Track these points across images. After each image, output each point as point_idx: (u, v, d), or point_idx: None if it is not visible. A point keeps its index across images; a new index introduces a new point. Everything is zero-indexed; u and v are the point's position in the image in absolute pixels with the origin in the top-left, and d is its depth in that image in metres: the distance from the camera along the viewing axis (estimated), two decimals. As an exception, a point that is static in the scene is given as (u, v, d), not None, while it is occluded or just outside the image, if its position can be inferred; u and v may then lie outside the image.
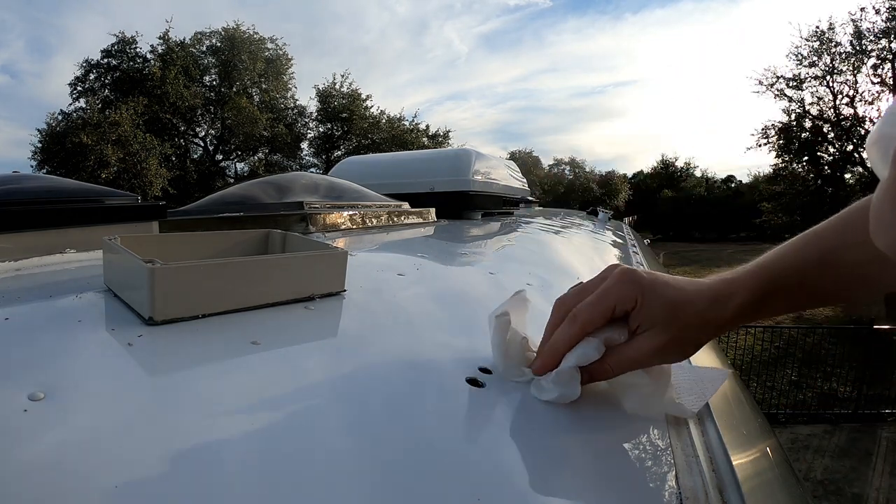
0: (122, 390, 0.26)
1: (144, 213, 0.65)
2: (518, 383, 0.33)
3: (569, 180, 28.01)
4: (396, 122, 16.08)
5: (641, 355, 0.31)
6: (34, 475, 0.19)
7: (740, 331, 5.71)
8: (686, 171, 27.52)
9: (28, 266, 0.50)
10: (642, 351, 0.31)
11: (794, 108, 11.27)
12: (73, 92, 12.84)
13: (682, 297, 0.32)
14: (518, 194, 2.17)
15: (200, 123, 15.18)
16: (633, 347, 0.32)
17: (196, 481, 0.20)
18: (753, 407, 0.79)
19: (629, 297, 0.31)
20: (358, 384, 0.30)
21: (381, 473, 0.22)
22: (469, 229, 1.27)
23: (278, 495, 0.20)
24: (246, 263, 0.38)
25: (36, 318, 0.36)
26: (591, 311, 0.31)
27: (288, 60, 15.76)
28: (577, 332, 0.31)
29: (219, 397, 0.26)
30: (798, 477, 0.76)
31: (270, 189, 1.07)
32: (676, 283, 0.33)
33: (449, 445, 0.26)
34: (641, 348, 0.31)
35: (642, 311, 0.31)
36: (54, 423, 0.22)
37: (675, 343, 0.32)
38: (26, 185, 0.65)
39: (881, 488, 3.41)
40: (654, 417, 0.32)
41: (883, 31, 10.03)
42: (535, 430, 0.29)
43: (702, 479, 0.28)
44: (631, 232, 2.43)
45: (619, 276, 0.32)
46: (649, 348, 0.31)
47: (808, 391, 4.94)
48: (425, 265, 0.69)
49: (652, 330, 0.31)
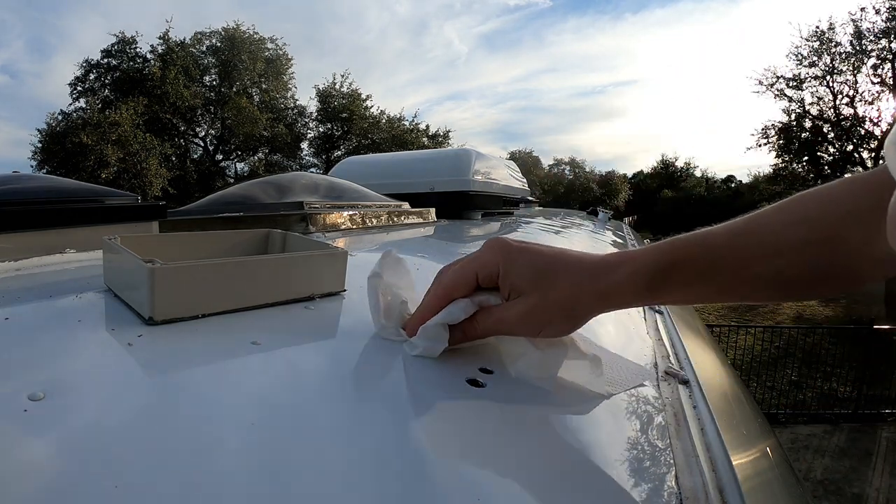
0: (122, 390, 0.26)
1: (144, 213, 0.65)
2: (518, 381, 0.33)
3: (569, 180, 28.02)
4: (396, 122, 16.10)
5: (507, 318, 0.32)
6: (34, 475, 0.19)
7: (740, 331, 5.72)
8: (686, 171, 27.54)
9: (28, 266, 0.50)
10: (508, 315, 0.32)
11: (794, 108, 11.28)
12: (73, 92, 12.86)
13: (550, 266, 0.32)
14: (518, 194, 2.18)
15: (200, 123, 15.20)
16: (500, 310, 0.32)
17: (196, 481, 0.20)
18: (753, 407, 0.79)
19: (491, 263, 0.32)
20: (358, 384, 0.30)
21: (382, 473, 0.22)
22: (469, 229, 1.27)
23: (278, 495, 0.20)
24: (246, 263, 0.38)
25: (36, 318, 0.36)
26: (454, 276, 0.33)
27: (288, 60, 15.78)
28: (441, 294, 0.33)
29: (219, 397, 0.26)
30: (798, 477, 0.76)
31: (270, 189, 1.07)
32: (549, 252, 0.33)
33: (449, 445, 0.26)
34: (507, 312, 0.32)
35: (508, 277, 0.32)
36: (54, 423, 0.22)
37: (541, 311, 0.32)
38: (26, 185, 0.65)
39: (881, 488, 3.41)
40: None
41: (883, 31, 10.04)
42: (535, 431, 0.29)
43: (702, 479, 0.28)
44: (631, 232, 2.43)
45: (487, 243, 0.34)
46: (514, 313, 0.32)
47: (808, 391, 4.94)
48: (425, 265, 0.69)
49: (519, 297, 0.32)
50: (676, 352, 0.51)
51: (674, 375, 0.42)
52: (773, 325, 5.55)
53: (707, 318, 7.35)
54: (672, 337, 0.56)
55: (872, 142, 10.88)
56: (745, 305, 8.78)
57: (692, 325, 0.90)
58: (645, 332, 0.55)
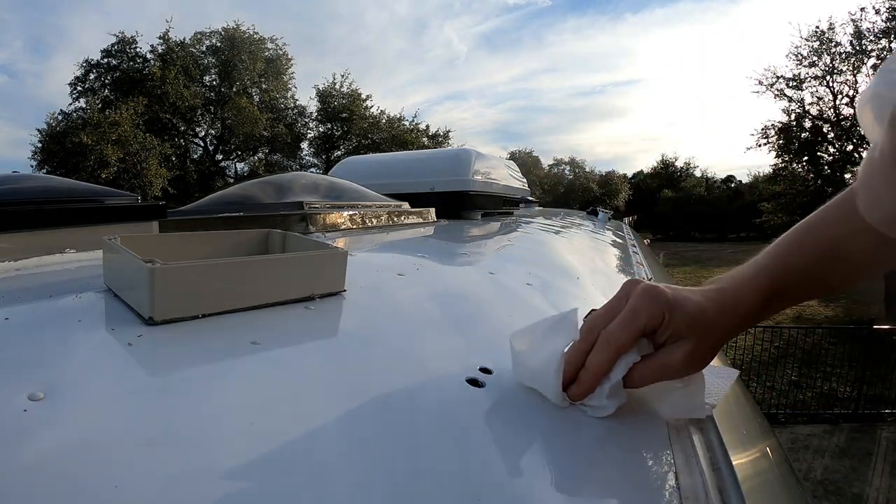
0: (121, 390, 0.26)
1: (144, 213, 0.65)
2: (518, 381, 0.33)
3: (569, 180, 28.03)
4: (396, 122, 16.09)
5: (670, 366, 0.32)
6: (34, 475, 0.19)
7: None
8: (686, 171, 27.54)
9: (28, 266, 0.50)
10: (672, 362, 0.32)
11: (794, 108, 11.27)
12: (73, 92, 12.86)
13: (699, 309, 0.33)
14: (518, 194, 2.17)
15: (200, 123, 15.20)
16: (661, 359, 0.33)
17: (196, 481, 0.20)
18: (753, 407, 0.79)
19: (657, 315, 0.32)
20: (358, 384, 0.30)
21: (382, 473, 0.22)
22: (469, 229, 1.27)
23: (278, 495, 0.20)
24: (246, 263, 0.38)
25: (36, 318, 0.36)
26: (623, 333, 0.32)
27: (288, 60, 15.77)
28: (612, 355, 0.32)
29: (219, 397, 0.26)
30: (798, 477, 0.76)
31: (270, 189, 1.07)
32: (693, 296, 0.34)
33: (449, 445, 0.26)
34: (671, 359, 0.32)
35: (670, 325, 0.32)
36: (54, 423, 0.22)
37: (698, 352, 0.33)
38: (26, 185, 0.65)
39: (881, 488, 3.41)
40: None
41: (883, 31, 10.03)
42: (535, 431, 0.29)
43: (702, 479, 0.28)
44: (631, 232, 2.43)
45: (643, 294, 0.32)
46: (679, 359, 0.32)
47: (807, 391, 4.94)
48: (425, 265, 0.69)
49: (679, 342, 0.32)
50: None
51: None
52: (773, 325, 5.55)
53: (707, 318, 7.31)
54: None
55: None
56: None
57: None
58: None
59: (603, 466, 0.28)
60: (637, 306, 0.32)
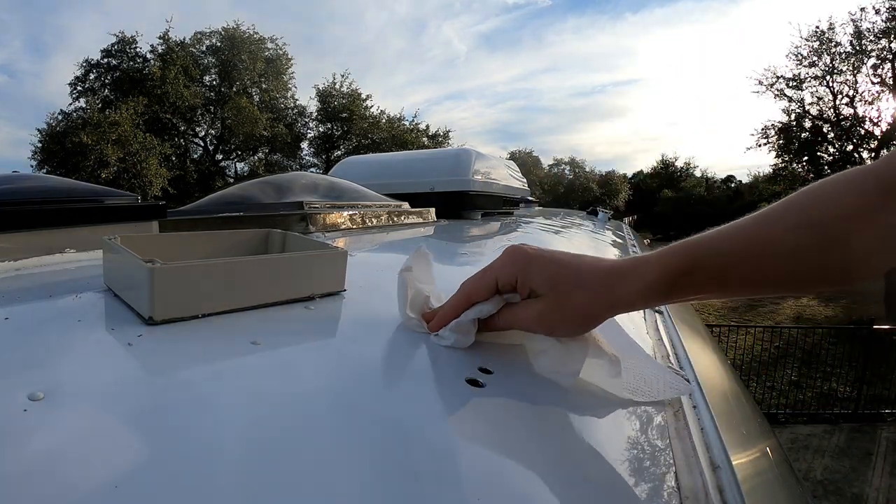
0: (121, 390, 0.26)
1: (144, 212, 0.65)
2: (518, 381, 0.33)
3: (569, 180, 28.03)
4: (396, 121, 16.10)
5: (524, 316, 0.36)
6: (34, 475, 0.19)
7: (740, 331, 5.72)
8: (686, 171, 27.54)
9: (28, 266, 0.50)
10: (525, 312, 0.35)
11: (793, 108, 11.28)
12: (73, 92, 12.86)
13: (562, 272, 0.35)
14: (518, 194, 2.17)
15: (200, 123, 15.20)
16: (517, 309, 0.36)
17: (196, 481, 0.20)
18: (753, 407, 0.79)
19: (510, 270, 0.35)
20: (357, 384, 0.30)
21: (381, 474, 0.22)
22: (469, 229, 1.27)
23: (277, 495, 0.20)
24: (246, 263, 0.38)
25: (36, 318, 0.36)
26: (475, 283, 0.37)
27: (288, 60, 15.78)
28: (462, 300, 0.37)
29: (219, 397, 0.26)
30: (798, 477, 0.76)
31: (270, 189, 1.07)
32: (564, 259, 0.36)
33: (449, 445, 0.26)
34: (524, 310, 0.36)
35: (525, 283, 0.35)
36: (54, 423, 0.22)
37: (555, 311, 0.34)
38: (26, 184, 0.66)
39: (881, 488, 3.41)
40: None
41: (883, 31, 10.04)
42: (535, 430, 0.29)
43: (702, 479, 0.28)
44: (631, 232, 2.43)
45: (505, 251, 0.37)
46: (530, 312, 0.35)
47: (807, 391, 4.94)
48: (425, 265, 0.69)
49: (534, 298, 0.35)
50: (676, 352, 0.51)
51: None
52: (773, 325, 5.55)
53: (707, 318, 7.35)
54: (672, 337, 0.56)
55: (872, 142, 10.88)
56: (745, 305, 8.79)
57: (692, 325, 0.90)
58: (645, 333, 0.55)
59: (603, 466, 0.28)
60: (494, 263, 0.37)
